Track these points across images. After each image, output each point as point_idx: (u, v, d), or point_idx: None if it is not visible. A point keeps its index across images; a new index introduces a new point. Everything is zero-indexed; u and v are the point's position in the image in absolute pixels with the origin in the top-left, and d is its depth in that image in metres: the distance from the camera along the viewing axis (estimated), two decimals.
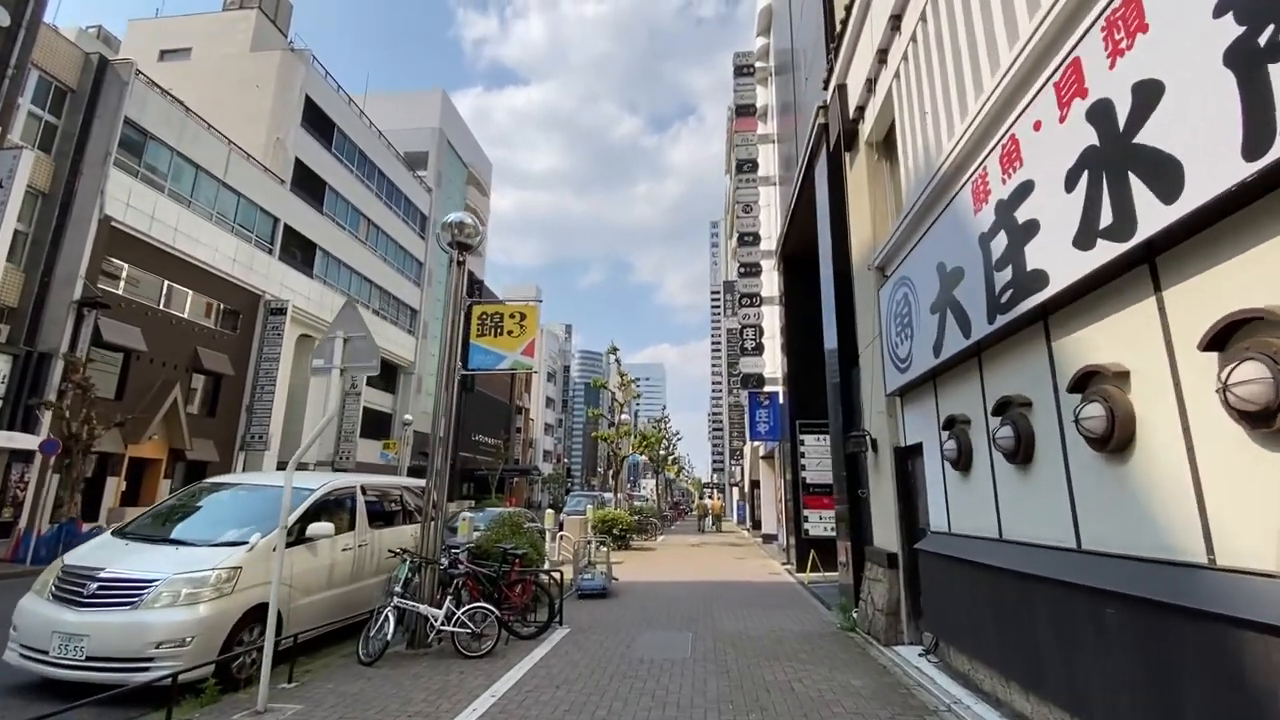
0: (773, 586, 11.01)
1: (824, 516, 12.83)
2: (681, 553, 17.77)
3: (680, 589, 10.63)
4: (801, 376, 13.65)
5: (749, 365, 16.14)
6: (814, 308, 13.89)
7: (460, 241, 7.45)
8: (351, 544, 7.00)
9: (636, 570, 13.42)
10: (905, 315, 5.94)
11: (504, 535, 9.64)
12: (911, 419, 6.35)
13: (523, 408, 61.35)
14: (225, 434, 23.74)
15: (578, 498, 25.54)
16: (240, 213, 24.82)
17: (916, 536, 6.35)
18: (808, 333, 13.72)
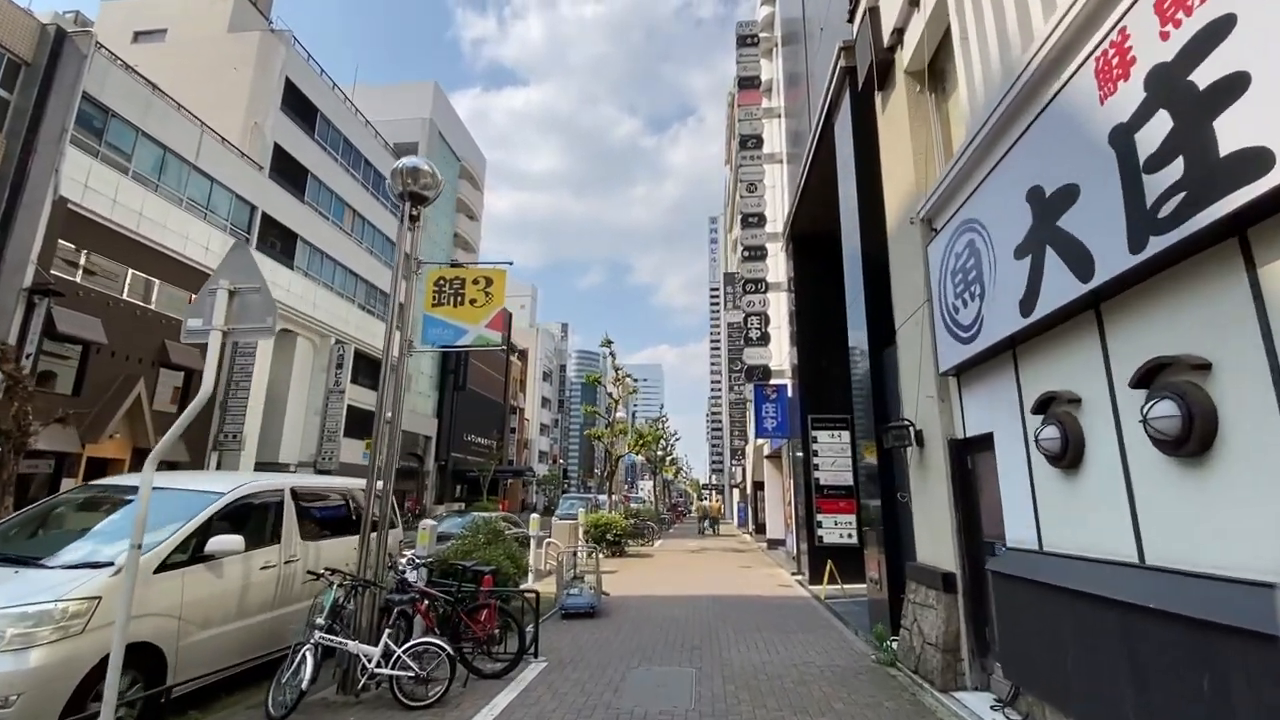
0: (785, 603, 9.69)
1: (840, 522, 11.52)
2: (681, 560, 16.44)
3: (680, 606, 9.30)
4: (813, 367, 12.34)
5: (754, 356, 14.82)
6: (827, 291, 12.59)
7: (414, 192, 6.13)
8: (275, 560, 5.67)
9: (631, 581, 12.09)
10: (970, 270, 4.62)
11: (475, 546, 8.31)
12: (975, 403, 5.03)
13: (517, 407, 60.00)
14: (197, 433, 22.35)
15: (570, 500, 24.19)
16: (213, 199, 23.45)
17: (979, 552, 5.03)
18: (820, 319, 12.40)
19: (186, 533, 4.80)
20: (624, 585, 11.54)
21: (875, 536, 7.06)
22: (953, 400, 5.38)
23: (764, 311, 15.07)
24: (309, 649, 4.66)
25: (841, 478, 11.70)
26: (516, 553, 9.05)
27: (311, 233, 28.95)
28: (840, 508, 11.58)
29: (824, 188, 10.76)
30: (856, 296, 7.75)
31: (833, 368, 12.19)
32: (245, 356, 23.70)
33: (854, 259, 7.84)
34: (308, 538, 6.17)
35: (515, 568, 8.56)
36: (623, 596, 10.14)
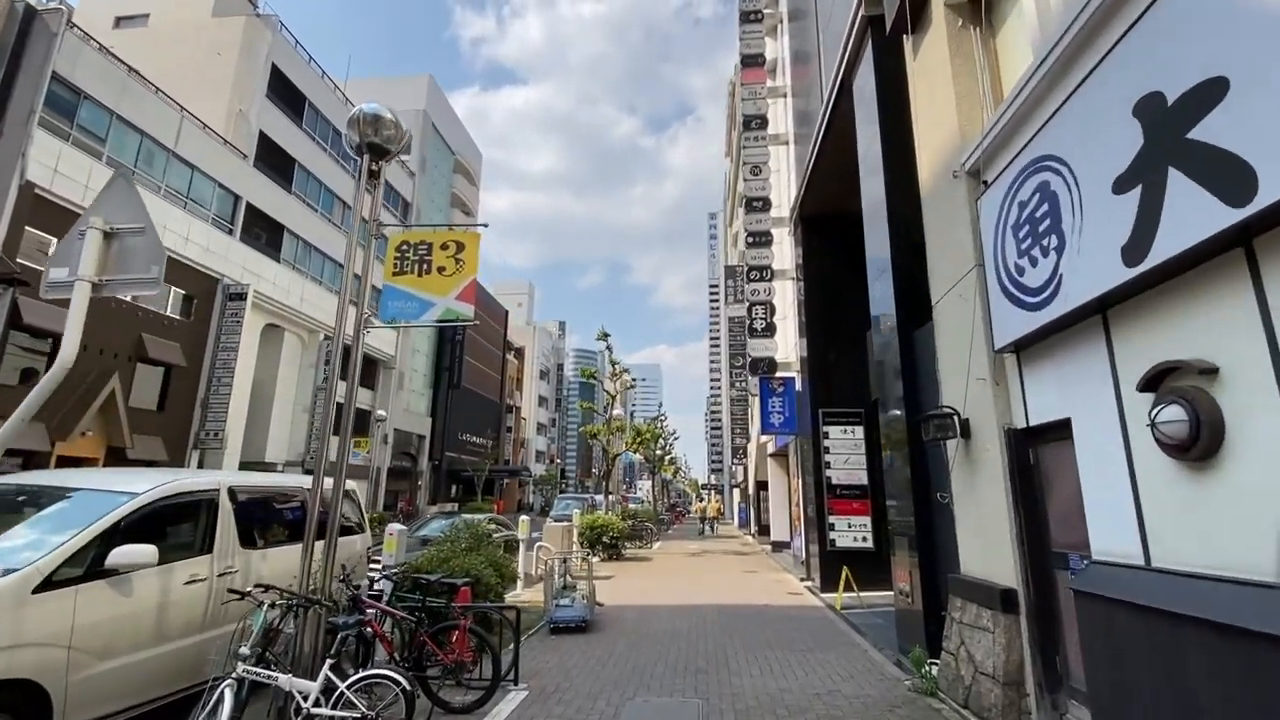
0: (798, 614, 8.82)
1: (854, 524, 10.66)
2: (681, 563, 15.57)
3: (682, 617, 8.44)
4: (823, 358, 11.48)
5: (759, 348, 13.95)
6: (838, 276, 11.74)
7: (374, 144, 5.26)
8: (205, 573, 4.79)
9: (629, 587, 11.22)
10: (1041, 220, 3.76)
11: (453, 553, 7.43)
12: (1042, 385, 4.17)
13: (514, 406, 59.11)
14: (176, 431, 21.45)
15: (566, 500, 23.31)
16: (194, 187, 22.55)
17: (1047, 564, 4.17)
18: (831, 306, 11.56)
19: (81, 542, 3.93)
20: (621, 593, 10.67)
21: (906, 543, 6.19)
22: (1010, 382, 4.52)
23: (769, 301, 14.21)
24: (229, 685, 3.78)
25: (855, 476, 10.85)
26: (502, 560, 8.18)
27: (299, 225, 28.07)
28: (854, 509, 10.73)
29: (839, 159, 9.91)
30: (882, 271, 6.89)
31: (844, 358, 11.35)
32: (227, 351, 22.79)
33: (878, 229, 6.98)
34: (251, 545, 5.30)
35: (499, 577, 7.69)
36: (619, 607, 9.27)
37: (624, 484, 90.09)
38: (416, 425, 40.38)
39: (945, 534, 5.57)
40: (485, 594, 7.14)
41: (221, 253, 23.29)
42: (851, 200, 11.01)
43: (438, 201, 44.65)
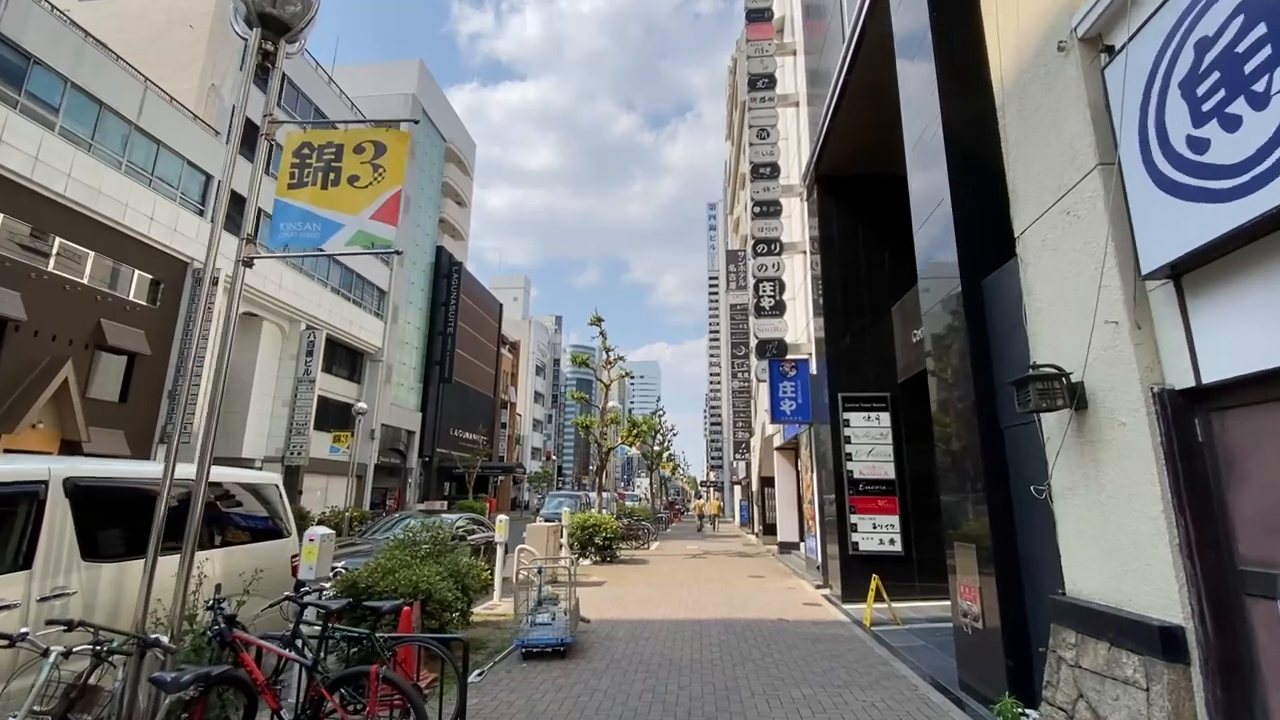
0: (822, 633, 7.45)
1: (880, 525, 9.30)
2: (681, 567, 14.20)
3: (683, 637, 7.07)
4: (843, 337, 10.12)
5: (767, 329, 12.58)
6: (860, 243, 10.36)
7: (268, 14, 3.87)
8: (20, 596, 3.41)
9: (622, 597, 9.86)
10: (1253, 53, 2.38)
11: (404, 562, 6.07)
12: (1224, 320, 2.79)
13: (509, 402, 57.73)
14: (141, 424, 20.04)
15: (559, 498, 21.93)
16: (160, 164, 21.09)
17: (1233, 590, 2.80)
18: (851, 278, 10.20)
19: None
20: (612, 603, 9.30)
21: (974, 552, 4.81)
22: (1161, 325, 3.14)
23: (778, 277, 12.83)
24: None
25: (880, 469, 9.48)
26: (469, 568, 6.82)
27: None
28: (879, 507, 9.37)
29: (864, 102, 8.53)
30: (934, 212, 5.50)
31: (866, 336, 9.99)
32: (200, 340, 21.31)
33: (928, 162, 5.60)
34: (99, 558, 3.91)
35: (461, 591, 6.32)
36: (608, 622, 7.90)
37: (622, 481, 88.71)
38: (406, 420, 38.97)
39: (1036, 540, 4.20)
40: (440, 615, 5.78)
41: (190, 234, 21.85)
42: (878, 156, 9.65)
43: (428, 190, 43.20)
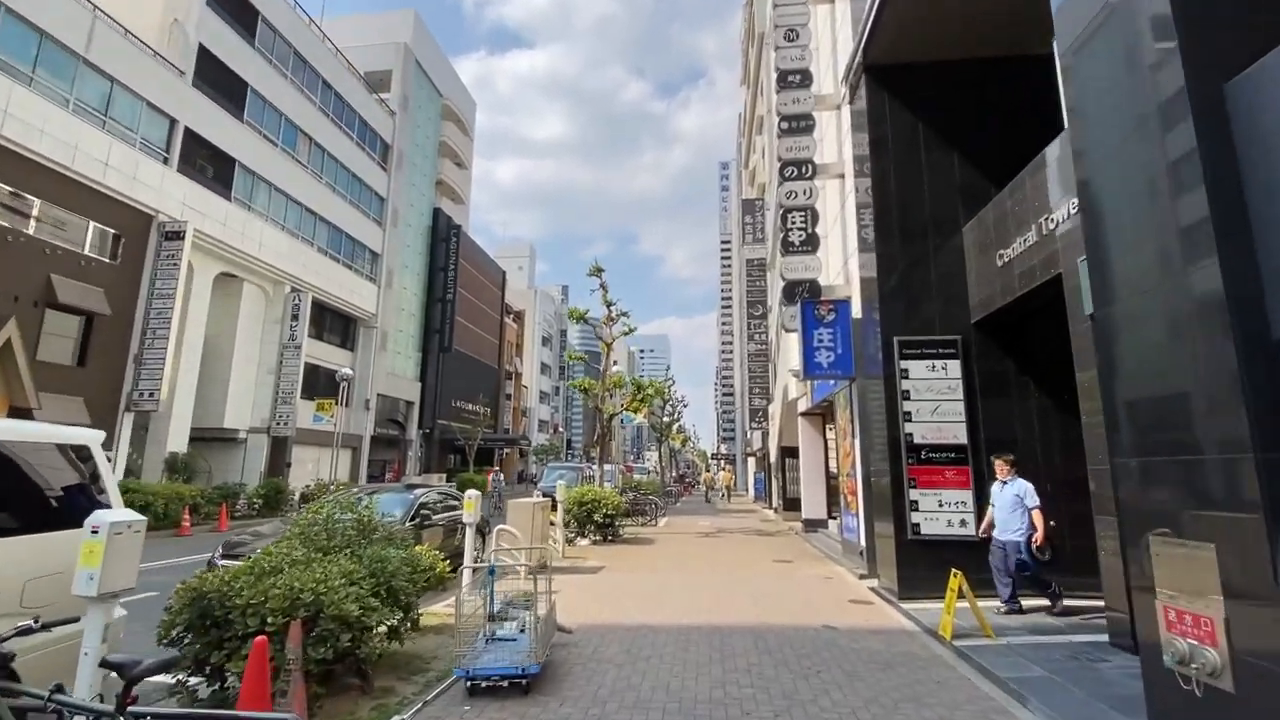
0: (888, 652, 5.50)
1: (947, 501, 7.33)
2: (692, 548, 12.37)
3: (698, 659, 5.18)
4: (901, 267, 8.01)
5: (796, 267, 10.48)
6: (924, 145, 8.16)
7: None
8: None
9: (619, 589, 8.01)
10: None
11: (298, 559, 4.19)
12: None
13: (514, 373, 56.03)
14: (103, 390, 18.35)
15: (558, 470, 20.15)
16: (115, 104, 19.04)
17: None
18: (911, 191, 8.09)
19: None
20: (606, 598, 7.44)
21: (1218, 560, 2.78)
22: None
23: (810, 205, 10.67)
24: None
25: (948, 432, 7.47)
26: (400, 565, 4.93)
27: (254, 159, 24.55)
28: (947, 479, 7.38)
29: None
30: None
31: (927, 268, 7.91)
32: (162, 299, 19.57)
33: None
34: None
35: (382, 600, 4.45)
36: (598, 630, 6.04)
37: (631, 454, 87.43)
38: (404, 390, 37.35)
39: None
40: (339, 636, 3.90)
41: (154, 184, 19.89)
42: (946, 33, 7.43)
43: (424, 147, 40.85)
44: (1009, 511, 6.34)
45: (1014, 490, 6.36)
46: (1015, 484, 6.40)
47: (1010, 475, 6.47)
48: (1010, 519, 6.33)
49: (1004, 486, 6.47)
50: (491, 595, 4.39)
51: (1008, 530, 6.35)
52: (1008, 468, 6.50)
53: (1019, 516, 6.29)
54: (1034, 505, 6.26)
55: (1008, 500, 6.38)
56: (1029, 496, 6.28)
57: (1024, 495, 6.30)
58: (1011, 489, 6.39)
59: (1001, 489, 6.48)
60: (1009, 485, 6.43)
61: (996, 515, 6.50)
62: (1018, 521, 6.28)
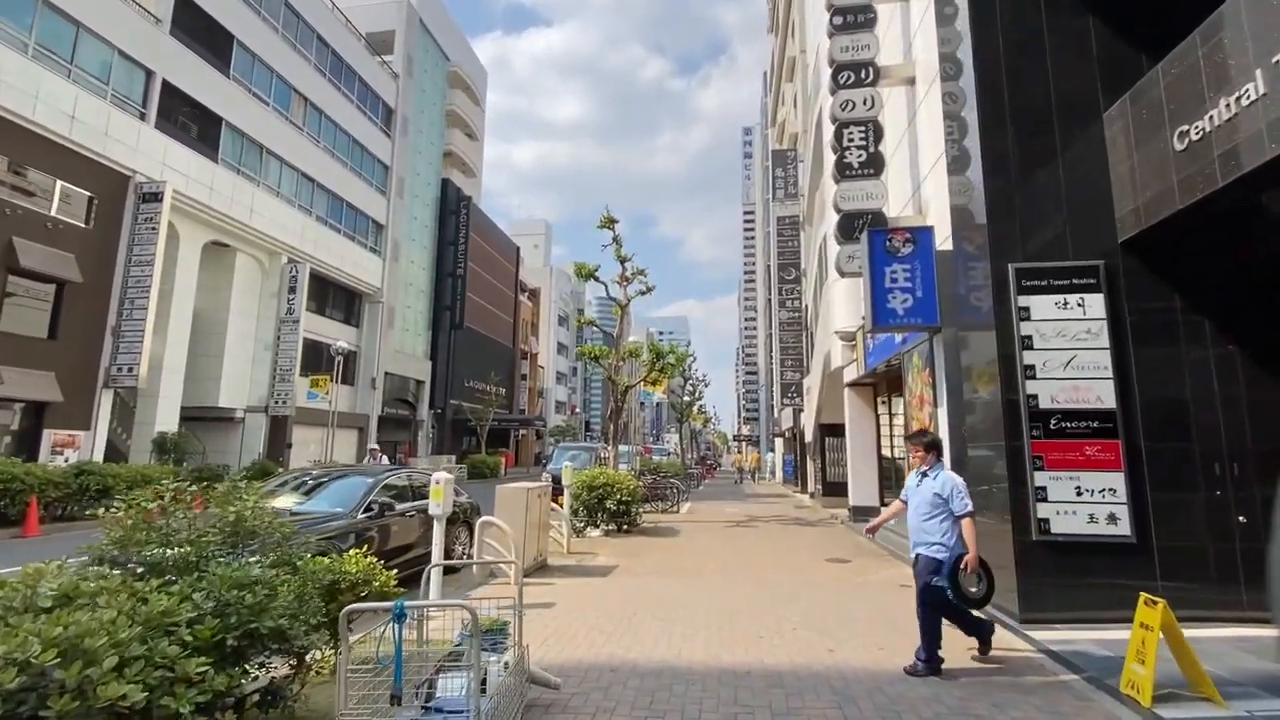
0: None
1: (1090, 487, 5.28)
2: (723, 542, 10.45)
3: None
4: (1018, 173, 5.87)
5: (855, 195, 8.37)
6: (1046, 6, 6.03)
7: None
8: None
9: (631, 600, 6.12)
10: None
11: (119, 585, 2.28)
12: None
13: (529, 353, 54.45)
14: (78, 364, 16.90)
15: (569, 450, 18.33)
16: (81, 51, 17.36)
17: None
18: (1029, 69, 5.92)
19: None
20: (614, 617, 5.55)
21: None
22: None
23: (872, 118, 8.51)
24: None
25: (1088, 393, 5.39)
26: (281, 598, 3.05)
27: (243, 119, 22.80)
28: (1088, 458, 5.33)
29: None
30: None
31: (1052, 169, 5.79)
32: (140, 267, 18.05)
33: None
34: None
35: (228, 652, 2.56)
36: (600, 673, 4.15)
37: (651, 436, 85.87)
38: (413, 369, 35.88)
39: None
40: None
41: (129, 140, 18.25)
42: None
43: (430, 114, 38.90)
44: (924, 516, 4.37)
45: (935, 487, 4.35)
46: (939, 478, 4.38)
47: (931, 464, 4.46)
48: (927, 526, 4.35)
49: (921, 479, 4.49)
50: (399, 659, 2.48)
51: (921, 541, 4.39)
52: (926, 453, 4.51)
53: (939, 525, 4.29)
54: (964, 512, 4.24)
55: (924, 499, 4.39)
56: (957, 498, 4.25)
57: (949, 495, 4.27)
58: (931, 485, 4.38)
59: (919, 482, 4.49)
60: (928, 479, 4.43)
61: (910, 516, 4.52)
62: (936, 531, 4.29)
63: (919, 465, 4.56)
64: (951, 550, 4.19)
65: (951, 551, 4.19)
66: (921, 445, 4.54)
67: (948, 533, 4.24)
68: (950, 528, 4.25)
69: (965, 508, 4.21)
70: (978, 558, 4.17)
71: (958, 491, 4.25)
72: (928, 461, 4.46)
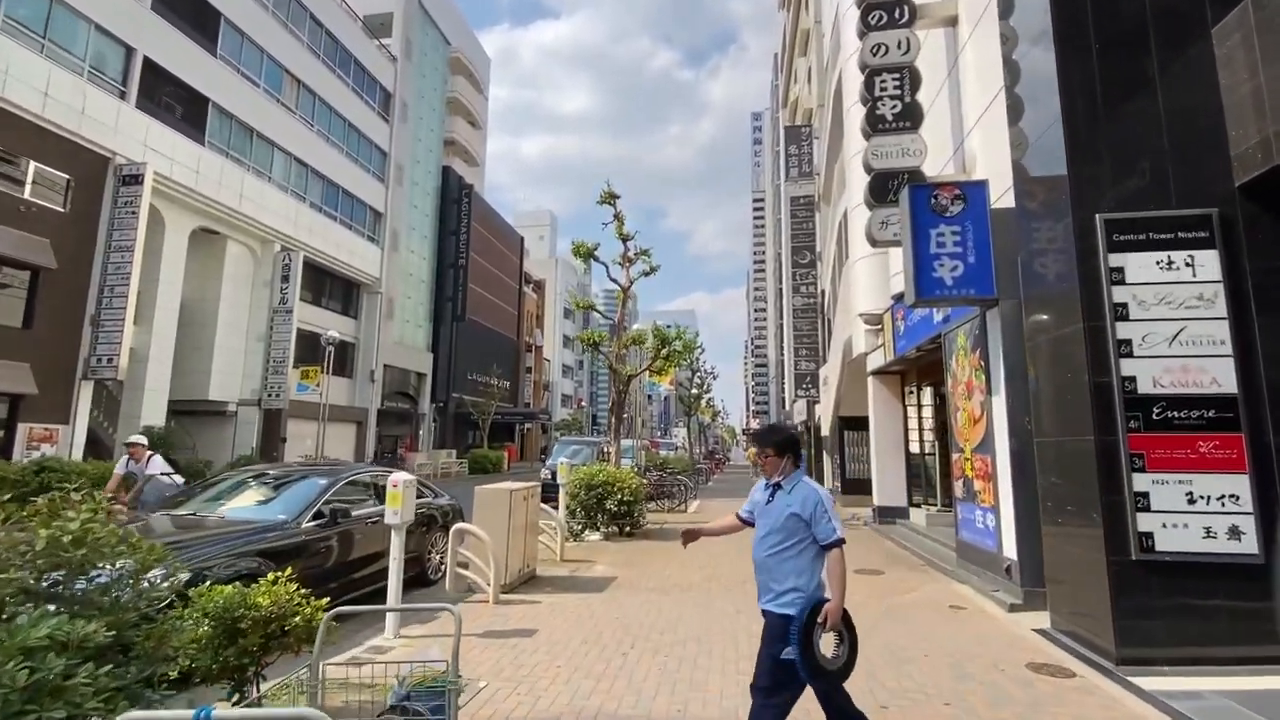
0: None
1: (1207, 493, 4.19)
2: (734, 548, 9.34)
3: None
4: (1104, 103, 4.74)
5: (889, 150, 7.27)
6: None
7: None
8: None
9: (630, 626, 5.10)
10: None
11: None
12: None
13: (534, 345, 53.52)
14: (55, 356, 16.07)
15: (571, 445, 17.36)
16: (55, 25, 16.44)
17: None
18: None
19: None
20: (606, 651, 4.53)
21: None
22: None
23: (907, 63, 7.39)
24: None
25: (1201, 373, 4.30)
26: (66, 668, 1.96)
27: (231, 101, 21.84)
28: (1203, 456, 4.24)
29: None
30: None
31: (1147, 99, 4.65)
32: (120, 253, 17.18)
33: None
34: None
35: None
36: None
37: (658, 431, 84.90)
38: (414, 362, 35.03)
39: None
40: None
41: (108, 120, 17.34)
42: None
43: (430, 100, 37.87)
44: (775, 547, 2.88)
45: (791, 504, 2.86)
46: (796, 491, 2.89)
47: (786, 472, 2.95)
48: (780, 564, 2.87)
49: (772, 494, 2.98)
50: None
51: (769, 588, 2.91)
52: (778, 456, 2.96)
53: (797, 563, 2.83)
54: (831, 539, 2.79)
55: (776, 522, 2.89)
56: (823, 520, 2.80)
57: (812, 516, 2.81)
58: (785, 501, 2.89)
59: (769, 498, 2.98)
60: (782, 492, 2.94)
61: (755, 548, 2.99)
62: (792, 572, 2.83)
63: (768, 474, 2.99)
64: (809, 597, 2.75)
65: (809, 599, 2.74)
66: (770, 445, 2.96)
67: (808, 572, 2.80)
68: (813, 566, 2.81)
69: (833, 534, 2.77)
70: (841, 608, 2.73)
71: (823, 510, 2.78)
72: (781, 469, 2.92)
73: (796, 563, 2.82)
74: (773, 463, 2.96)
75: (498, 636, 4.82)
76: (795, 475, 2.94)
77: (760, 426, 3.34)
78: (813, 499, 2.83)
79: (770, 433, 3.10)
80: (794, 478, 2.93)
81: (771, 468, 2.97)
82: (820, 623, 2.69)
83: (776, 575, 2.85)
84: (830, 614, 2.70)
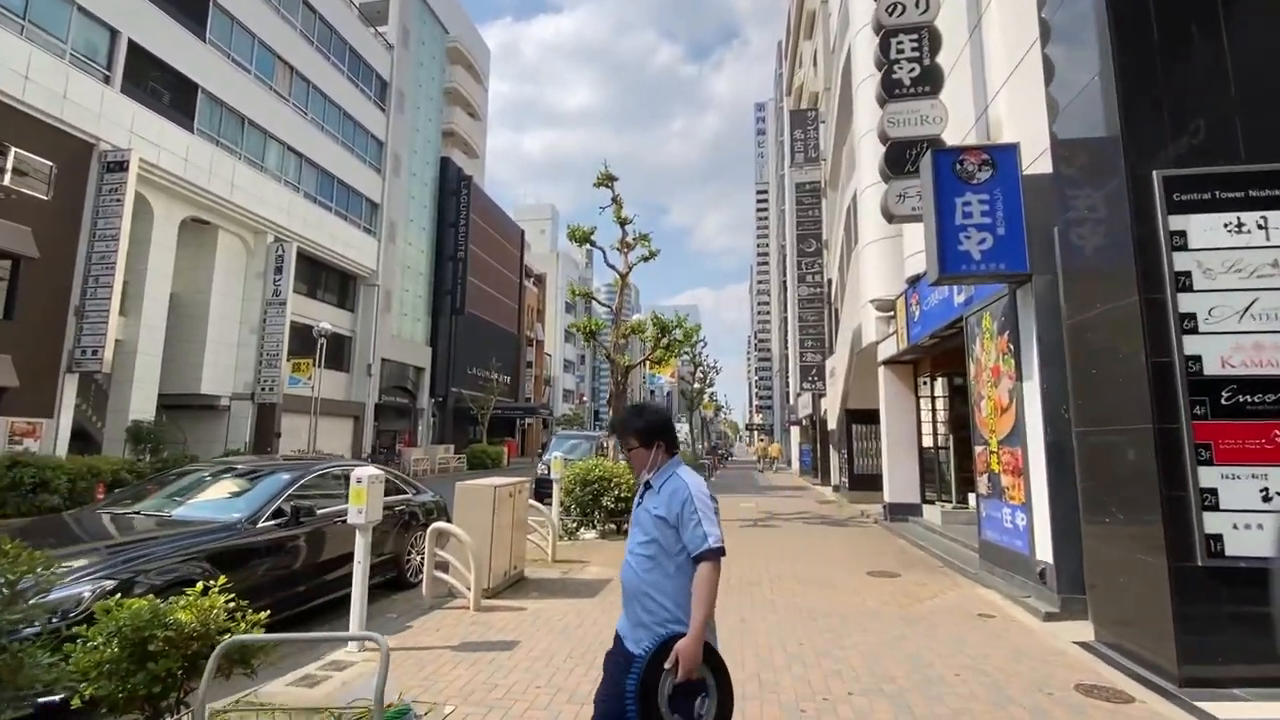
0: None
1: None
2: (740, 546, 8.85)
3: None
4: (1162, 49, 4.17)
5: (906, 118, 6.71)
6: None
7: None
8: None
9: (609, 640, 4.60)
10: None
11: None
12: None
13: (535, 340, 53.00)
14: (37, 347, 15.59)
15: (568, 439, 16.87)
16: (36, 6, 15.91)
17: None
18: None
19: None
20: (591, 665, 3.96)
21: None
22: None
23: (925, 23, 6.82)
24: None
25: (1276, 352, 3.71)
26: None
27: (221, 87, 21.29)
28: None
29: None
30: None
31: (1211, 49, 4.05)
32: (105, 242, 16.68)
33: None
34: None
35: None
36: None
37: None
38: (412, 355, 34.56)
39: None
40: None
41: (92, 106, 16.81)
42: None
43: (428, 89, 37.30)
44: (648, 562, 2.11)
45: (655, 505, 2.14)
46: (664, 487, 2.16)
47: (658, 464, 2.24)
48: (645, 580, 2.10)
49: (643, 493, 2.25)
50: None
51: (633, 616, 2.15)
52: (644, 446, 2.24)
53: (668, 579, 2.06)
54: (703, 548, 2.00)
55: (646, 525, 2.15)
56: (690, 522, 2.04)
57: (679, 518, 2.06)
58: (652, 501, 2.17)
59: (640, 497, 2.27)
60: (650, 491, 2.21)
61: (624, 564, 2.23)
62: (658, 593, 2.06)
63: (637, 470, 2.29)
64: (654, 635, 2.00)
65: (653, 637, 1.99)
66: (632, 434, 2.27)
67: (663, 597, 2.05)
68: (668, 584, 2.06)
69: (703, 541, 2.00)
70: (703, 643, 1.92)
71: (692, 509, 2.05)
72: (651, 461, 2.23)
73: (667, 580, 2.04)
74: (639, 455, 2.23)
75: (474, 650, 4.30)
76: (667, 467, 2.20)
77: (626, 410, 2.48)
78: (680, 494, 2.08)
79: (632, 417, 2.34)
80: (665, 470, 2.20)
81: (639, 461, 2.24)
82: (668, 669, 1.87)
83: (641, 596, 2.08)
84: (683, 655, 1.86)
